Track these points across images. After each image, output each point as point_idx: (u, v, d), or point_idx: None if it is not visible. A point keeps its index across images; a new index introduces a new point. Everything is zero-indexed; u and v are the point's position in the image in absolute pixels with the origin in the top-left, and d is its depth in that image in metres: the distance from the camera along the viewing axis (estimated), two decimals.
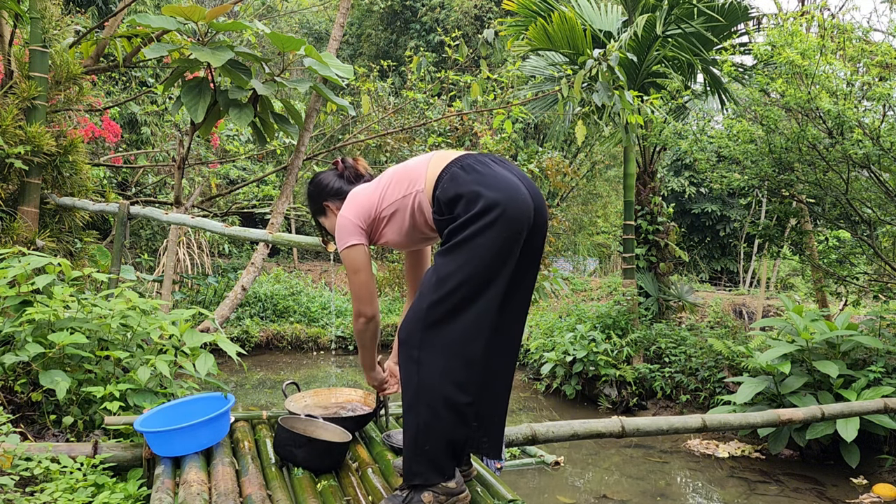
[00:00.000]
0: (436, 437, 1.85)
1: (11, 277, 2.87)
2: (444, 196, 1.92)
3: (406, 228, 2.07)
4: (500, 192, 1.87)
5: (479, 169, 1.94)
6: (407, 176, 2.05)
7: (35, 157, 4.43)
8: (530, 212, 1.93)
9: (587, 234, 15.29)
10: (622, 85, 4.83)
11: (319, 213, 2.37)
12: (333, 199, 2.30)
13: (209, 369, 2.79)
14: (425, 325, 1.86)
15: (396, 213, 2.05)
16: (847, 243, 6.12)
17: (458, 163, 1.97)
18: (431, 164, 2.02)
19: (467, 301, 1.86)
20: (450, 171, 1.95)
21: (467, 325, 1.86)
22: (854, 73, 4.78)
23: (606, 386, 6.34)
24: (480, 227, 1.84)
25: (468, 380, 1.88)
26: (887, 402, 3.58)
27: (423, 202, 2.00)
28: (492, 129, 8.19)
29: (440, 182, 1.96)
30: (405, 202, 2.03)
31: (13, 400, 2.71)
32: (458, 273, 1.84)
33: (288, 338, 8.30)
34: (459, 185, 1.90)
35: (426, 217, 2.02)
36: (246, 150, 8.89)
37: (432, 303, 1.85)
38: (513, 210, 1.86)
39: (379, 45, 17.34)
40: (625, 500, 4.02)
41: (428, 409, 1.84)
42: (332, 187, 2.30)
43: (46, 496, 2.00)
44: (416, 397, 1.86)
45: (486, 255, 1.84)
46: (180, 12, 3.98)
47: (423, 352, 1.85)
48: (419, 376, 1.85)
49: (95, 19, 9.80)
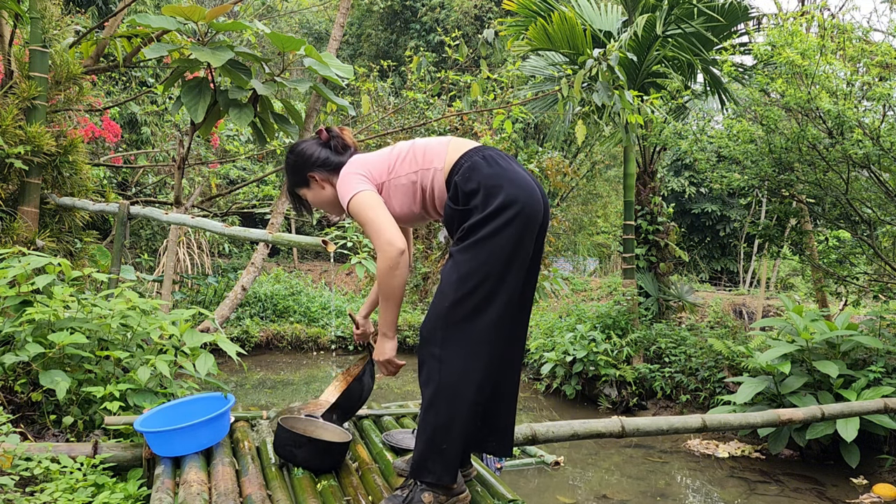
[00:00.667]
0: (454, 437, 1.85)
1: (11, 277, 2.86)
2: (463, 184, 1.90)
3: (414, 203, 2.02)
4: (520, 190, 1.87)
5: (501, 164, 1.93)
6: (424, 152, 2.02)
7: (35, 157, 4.43)
8: (542, 211, 1.94)
9: (587, 234, 15.29)
10: (622, 85, 4.83)
11: (301, 185, 2.19)
12: (320, 169, 2.14)
13: (209, 369, 2.79)
14: (447, 322, 1.84)
15: (408, 186, 2.01)
16: (847, 243, 6.12)
17: (480, 153, 1.95)
18: (451, 147, 2.00)
19: (488, 299, 1.85)
20: (471, 160, 1.93)
21: (488, 324, 1.85)
22: (854, 73, 4.78)
23: (606, 386, 6.34)
24: (501, 224, 1.83)
25: (486, 379, 1.88)
26: (887, 402, 3.58)
27: (439, 181, 1.98)
28: (492, 129, 8.19)
29: (459, 167, 1.93)
30: (420, 176, 1.99)
31: (13, 400, 2.71)
32: (479, 270, 1.83)
33: (288, 338, 8.30)
34: (481, 176, 1.88)
35: (436, 197, 2.00)
36: (246, 150, 8.89)
37: (455, 301, 1.84)
38: (529, 208, 1.88)
39: (379, 45, 17.34)
40: (625, 500, 4.02)
41: (448, 408, 1.83)
42: (318, 157, 2.14)
43: (46, 496, 1.99)
44: (436, 396, 1.84)
45: (505, 252, 1.84)
46: (180, 12, 3.97)
47: (446, 350, 1.83)
48: (441, 375, 1.83)
49: (95, 19, 9.80)
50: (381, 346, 1.99)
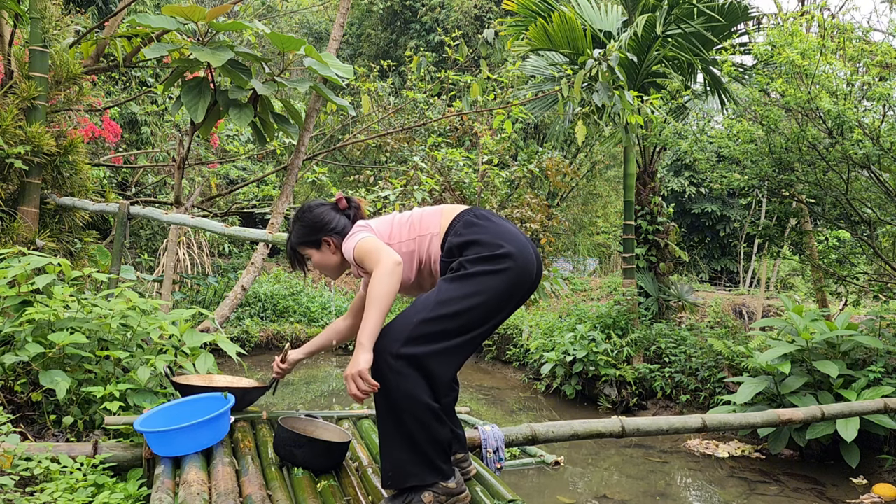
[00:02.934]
0: (426, 440, 1.86)
1: (11, 277, 2.87)
2: (457, 240, 1.98)
3: (410, 270, 2.11)
4: (516, 246, 1.95)
5: (494, 219, 2.02)
6: (421, 221, 2.11)
7: (35, 157, 4.43)
8: (535, 270, 2.00)
9: (587, 234, 15.30)
10: (622, 85, 4.83)
11: (310, 246, 2.21)
12: (336, 235, 2.18)
13: (209, 369, 2.79)
14: (409, 336, 1.84)
15: (407, 253, 2.09)
16: (847, 243, 6.13)
17: (472, 212, 2.05)
18: (444, 212, 2.10)
19: (461, 330, 1.87)
20: (463, 219, 2.03)
21: (451, 351, 1.88)
22: (854, 73, 4.78)
23: (606, 386, 6.34)
24: (494, 268, 1.90)
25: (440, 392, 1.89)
26: (887, 402, 3.57)
27: (435, 246, 2.07)
28: (492, 129, 8.20)
29: (453, 227, 2.02)
30: (418, 244, 2.09)
31: (13, 400, 2.71)
32: (461, 301, 1.86)
33: (288, 338, 8.30)
34: (476, 231, 1.97)
35: (432, 262, 2.08)
36: (246, 150, 8.90)
37: (424, 320, 1.85)
38: (524, 263, 1.95)
39: (379, 45, 17.34)
40: (625, 500, 4.02)
41: (412, 418, 1.84)
42: (337, 224, 2.18)
43: (46, 496, 1.99)
44: (395, 406, 1.85)
45: (492, 294, 1.89)
46: (180, 12, 3.98)
47: (401, 362, 1.82)
48: (397, 385, 1.82)
49: (95, 19, 9.80)
50: (356, 358, 1.84)
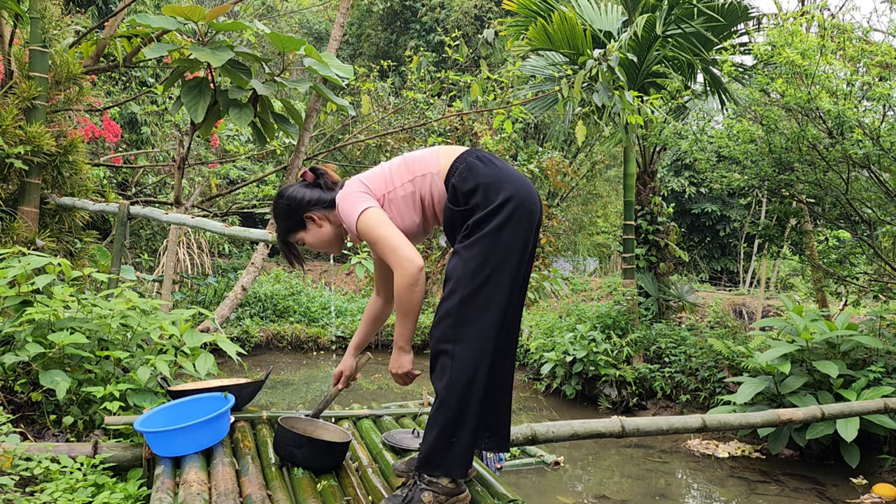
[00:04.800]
0: (463, 431, 1.87)
1: (11, 277, 2.87)
2: (461, 184, 1.93)
3: (415, 213, 2.04)
4: (517, 186, 1.93)
5: (496, 162, 1.99)
6: (417, 162, 2.04)
7: (35, 157, 4.43)
8: (538, 206, 1.99)
9: (587, 234, 15.30)
10: (622, 85, 4.83)
11: (296, 230, 2.16)
12: (316, 208, 2.12)
13: (209, 369, 2.79)
14: (457, 319, 1.87)
15: (407, 197, 2.02)
16: (847, 243, 6.12)
17: (473, 154, 2.00)
18: (442, 153, 2.04)
19: (495, 293, 1.88)
20: (466, 161, 1.97)
21: (494, 319, 1.89)
22: (854, 73, 4.78)
23: (606, 386, 6.34)
24: (504, 218, 1.88)
25: (490, 373, 1.91)
26: (887, 402, 3.57)
27: (438, 185, 2.00)
28: (492, 129, 8.20)
29: (455, 169, 1.97)
30: (418, 184, 2.01)
31: (13, 400, 2.71)
32: (486, 265, 1.87)
33: (288, 338, 8.30)
34: (479, 175, 1.93)
35: (436, 202, 2.02)
36: (246, 150, 8.89)
37: (465, 297, 1.87)
38: (528, 203, 1.93)
39: (379, 45, 17.34)
40: (625, 500, 4.02)
41: (459, 402, 1.86)
42: (311, 197, 2.12)
43: (46, 496, 1.99)
44: (448, 390, 1.87)
45: (510, 246, 1.89)
46: (180, 12, 3.98)
47: (457, 346, 1.86)
48: (452, 370, 1.86)
49: (95, 19, 9.80)
50: (397, 360, 2.02)
